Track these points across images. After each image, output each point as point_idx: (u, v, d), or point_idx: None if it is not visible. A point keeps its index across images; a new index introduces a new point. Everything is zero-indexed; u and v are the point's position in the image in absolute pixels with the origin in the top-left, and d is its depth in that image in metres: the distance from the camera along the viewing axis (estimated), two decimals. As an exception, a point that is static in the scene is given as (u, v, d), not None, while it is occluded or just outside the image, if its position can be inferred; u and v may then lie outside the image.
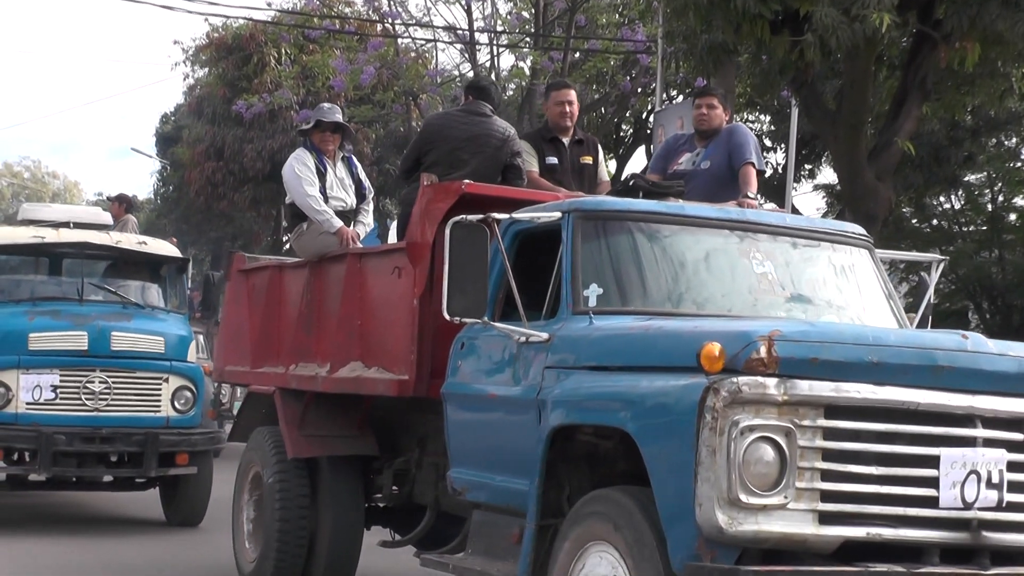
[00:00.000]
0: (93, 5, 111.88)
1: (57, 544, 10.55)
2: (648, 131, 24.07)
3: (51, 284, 12.37)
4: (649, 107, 23.89)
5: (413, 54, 25.41)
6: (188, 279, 12.76)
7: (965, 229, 22.19)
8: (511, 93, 25.28)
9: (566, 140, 8.03)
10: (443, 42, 25.09)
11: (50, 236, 12.07)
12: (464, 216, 6.08)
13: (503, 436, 6.31)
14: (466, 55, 25.25)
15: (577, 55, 23.70)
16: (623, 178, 7.16)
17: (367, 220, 8.53)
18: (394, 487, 7.92)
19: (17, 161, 66.99)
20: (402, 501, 7.91)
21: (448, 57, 34.22)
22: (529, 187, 7.57)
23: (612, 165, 25.40)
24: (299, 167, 8.21)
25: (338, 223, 8.02)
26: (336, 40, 25.62)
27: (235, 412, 11.46)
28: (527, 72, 23.65)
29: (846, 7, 11.03)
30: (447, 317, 6.11)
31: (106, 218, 13.03)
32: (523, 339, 6.13)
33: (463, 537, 7.20)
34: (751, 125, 21.63)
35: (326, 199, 8.18)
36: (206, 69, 27.63)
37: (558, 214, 6.27)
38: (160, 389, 11.39)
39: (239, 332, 9.00)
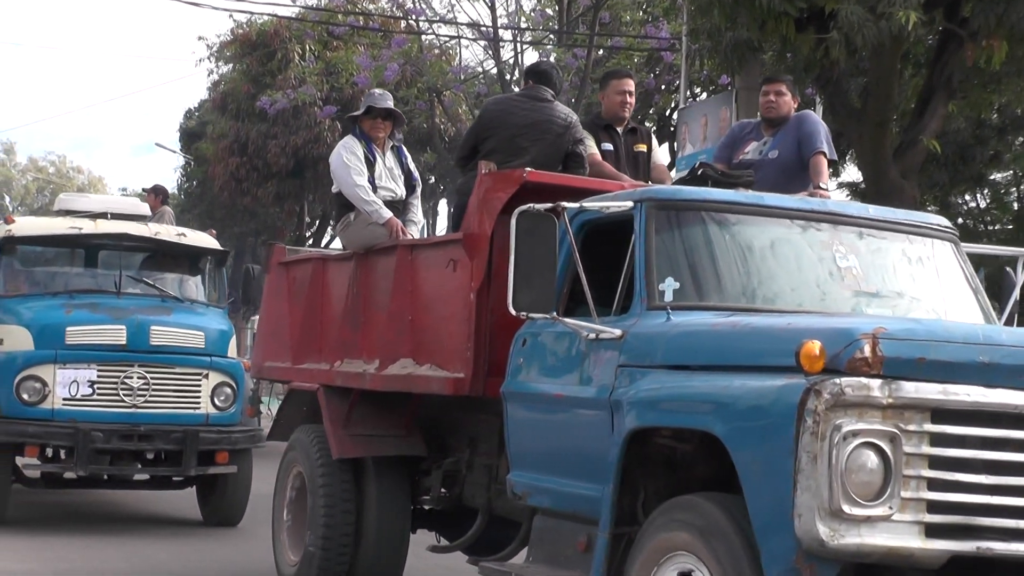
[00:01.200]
0: (118, 1, 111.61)
1: (88, 544, 10.05)
2: (672, 129, 23.72)
3: (88, 276, 11.78)
4: (673, 104, 23.52)
5: (437, 51, 25.07)
6: (227, 272, 12.26)
7: (990, 228, 21.68)
8: (534, 90, 24.71)
9: (620, 129, 7.53)
10: (467, 39, 24.73)
11: (87, 227, 11.54)
12: (532, 205, 5.60)
13: (570, 438, 5.82)
14: (490, 52, 24.92)
15: (601, 52, 23.32)
16: (692, 167, 6.69)
17: (416, 213, 7.98)
18: (443, 489, 7.44)
19: (42, 156, 66.65)
20: (451, 504, 7.41)
21: (472, 54, 33.85)
22: (592, 172, 7.07)
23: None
24: (347, 155, 7.67)
25: (387, 214, 7.48)
26: (360, 36, 25.32)
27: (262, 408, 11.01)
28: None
29: (872, 5, 10.72)
30: (513, 312, 5.63)
31: (144, 209, 12.45)
32: (593, 336, 5.66)
33: (518, 543, 6.72)
34: None
35: (375, 189, 7.64)
36: (230, 65, 27.23)
37: (629, 203, 5.79)
38: (200, 385, 10.85)
39: (279, 327, 8.46)
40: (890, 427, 4.44)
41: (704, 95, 22.28)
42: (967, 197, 21.65)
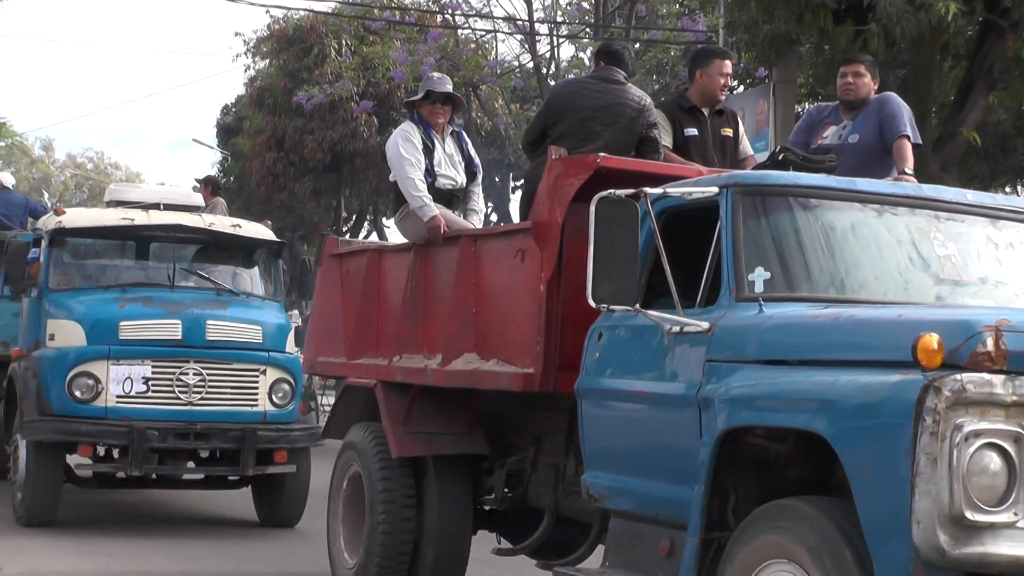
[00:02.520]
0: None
1: (138, 546, 9.55)
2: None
3: (140, 269, 11.27)
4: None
5: (473, 45, 24.73)
6: (283, 264, 11.75)
7: (1032, 220, 21.12)
8: (570, 84, 24.36)
9: (706, 111, 7.00)
10: (503, 33, 24.32)
11: (140, 218, 11.00)
12: (612, 191, 5.18)
13: (653, 438, 5.36)
14: (526, 46, 24.54)
15: (637, 45, 22.88)
16: (772, 151, 6.24)
17: (478, 201, 7.47)
18: (506, 489, 6.99)
19: (80, 152, 66.41)
20: (514, 504, 6.95)
21: (508, 48, 33.56)
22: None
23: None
24: (404, 144, 7.19)
25: (432, 211, 6.97)
26: (396, 31, 24.96)
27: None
28: (587, 63, 22.94)
29: (911, -4, 10.31)
30: (592, 304, 5.20)
31: (197, 199, 11.87)
32: (677, 329, 5.22)
33: (589, 545, 6.29)
34: None
35: (434, 177, 7.17)
36: (267, 60, 26.87)
37: (715, 189, 5.33)
38: (257, 382, 10.29)
39: (332, 321, 7.97)
40: (1014, 427, 4.03)
41: (741, 88, 21.85)
42: (1007, 189, 21.07)
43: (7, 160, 34.02)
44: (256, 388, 10.32)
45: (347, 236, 28.02)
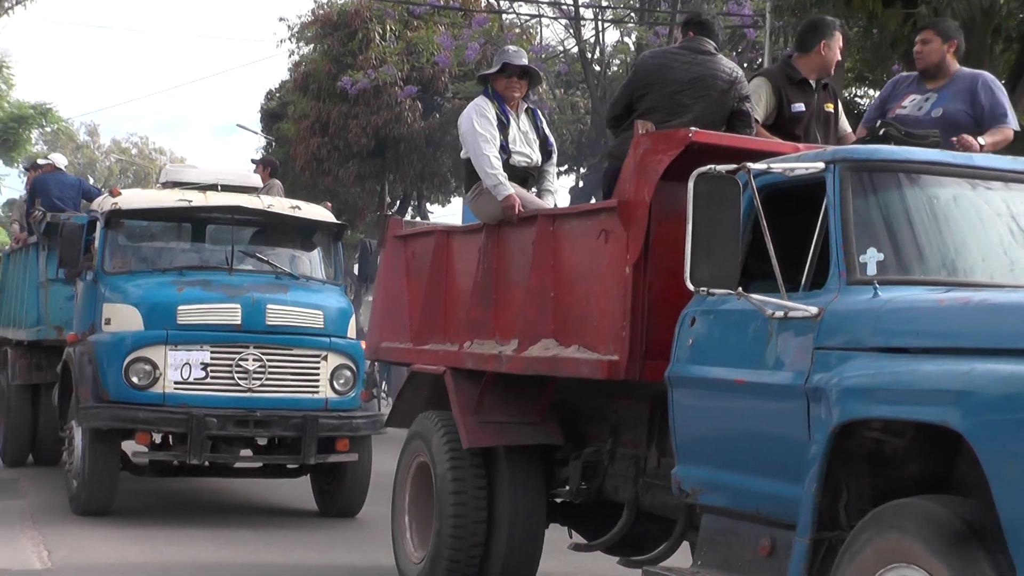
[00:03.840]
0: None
1: (194, 536, 9.17)
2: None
3: (197, 252, 10.81)
4: (755, 82, 22.51)
5: (517, 30, 24.31)
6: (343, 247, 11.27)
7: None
8: (615, 69, 24.10)
9: (813, 84, 6.42)
10: (547, 17, 23.86)
11: (197, 199, 10.52)
12: (713, 166, 4.75)
13: (753, 430, 4.93)
14: (571, 30, 24.09)
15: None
16: (874, 126, 5.78)
17: (552, 181, 7.02)
18: (581, 481, 6.57)
19: (125, 137, 66.16)
20: (589, 497, 6.53)
21: (552, 33, 32.91)
22: (752, 140, 6.16)
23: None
24: (478, 119, 6.73)
25: (508, 190, 6.53)
26: (441, 16, 24.54)
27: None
28: (632, 48, 22.51)
29: (962, -22, 9.85)
30: (691, 288, 4.78)
31: (255, 180, 11.34)
32: (780, 314, 4.79)
33: (674, 542, 5.87)
34: (859, 100, 20.25)
35: (509, 155, 6.73)
36: (311, 46, 26.50)
37: (820, 165, 4.90)
38: (318, 368, 9.83)
39: (397, 305, 7.55)
40: None
41: (787, 73, 21.27)
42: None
43: (53, 145, 33.78)
44: (317, 374, 9.90)
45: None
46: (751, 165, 4.81)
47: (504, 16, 23.22)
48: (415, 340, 7.25)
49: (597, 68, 23.02)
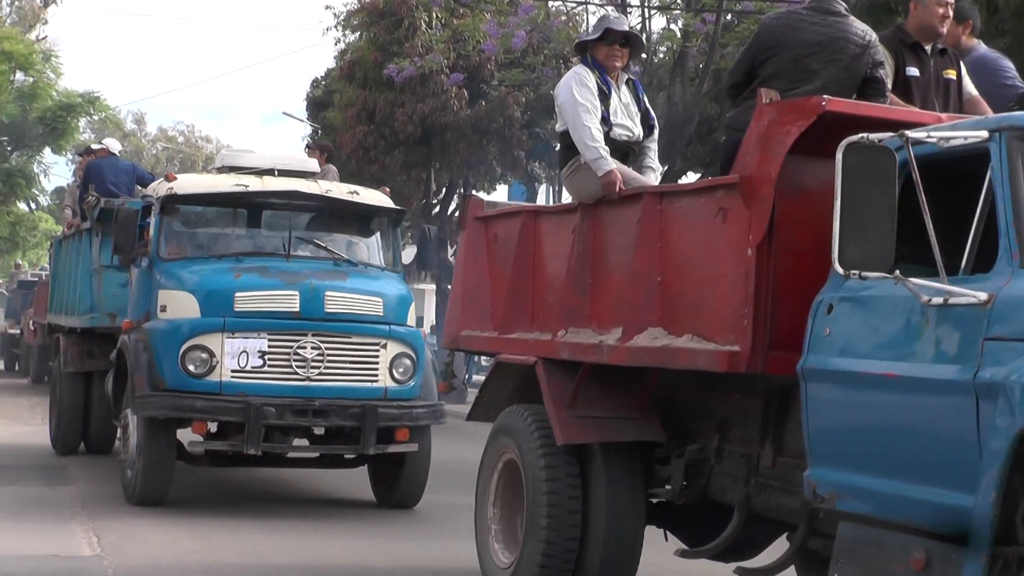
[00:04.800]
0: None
1: (244, 525, 8.73)
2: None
3: (253, 238, 10.26)
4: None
5: (564, 17, 23.66)
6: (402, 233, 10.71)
7: None
8: (662, 56, 23.43)
9: (928, 48, 5.81)
10: (594, 4, 23.15)
11: (254, 184, 9.97)
12: (865, 136, 4.14)
13: (906, 430, 4.29)
14: (617, 18, 23.18)
15: (730, 17, 21.70)
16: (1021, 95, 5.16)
17: (654, 158, 6.36)
18: (683, 481, 5.94)
19: (172, 126, 65.57)
20: (692, 498, 5.91)
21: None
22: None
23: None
24: (578, 88, 6.08)
25: (609, 165, 5.89)
26: (487, 3, 23.95)
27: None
28: (678, 35, 21.86)
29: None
30: (840, 271, 4.18)
31: (313, 165, 10.75)
32: (940, 300, 4.16)
33: (795, 551, 5.24)
34: None
35: (610, 127, 6.08)
36: (357, 34, 25.95)
37: (984, 134, 4.27)
38: (378, 356, 9.31)
39: (478, 290, 6.93)
40: None
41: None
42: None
43: (101, 134, 33.37)
44: (376, 363, 9.38)
45: (437, 209, 27.05)
46: (910, 134, 4.18)
47: (551, 3, 22.55)
48: (500, 328, 6.62)
49: (643, 55, 22.34)
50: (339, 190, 10.32)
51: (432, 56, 23.37)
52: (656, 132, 6.36)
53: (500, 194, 33.28)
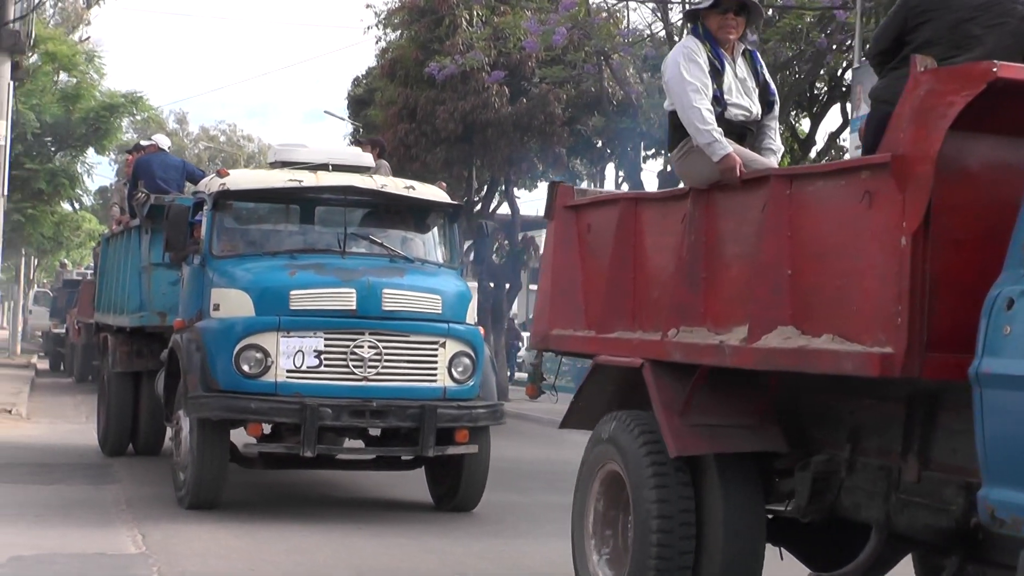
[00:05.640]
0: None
1: (291, 525, 8.25)
2: (844, 89, 21.42)
3: (307, 234, 9.63)
4: (845, 65, 21.11)
5: (605, 14, 22.97)
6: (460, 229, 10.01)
7: None
8: (703, 52, 22.61)
9: None
10: (635, 1, 22.47)
11: (308, 180, 9.32)
12: None
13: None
14: (658, 14, 22.69)
15: (770, 12, 20.94)
16: None
17: (775, 138, 5.53)
18: (810, 496, 5.18)
19: (214, 125, 64.82)
20: (819, 515, 5.16)
21: (640, 16, 31.69)
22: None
23: (806, 124, 22.81)
24: (687, 64, 5.28)
25: (725, 148, 5.10)
26: (527, 1, 23.20)
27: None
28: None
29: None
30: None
31: (367, 159, 10.02)
32: None
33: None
34: None
35: (724, 107, 5.29)
36: (398, 32, 25.26)
37: None
38: (436, 355, 8.69)
39: (569, 286, 6.14)
40: None
41: (877, 56, 19.88)
42: None
43: (143, 134, 32.90)
44: (435, 362, 8.74)
45: (478, 207, 26.32)
46: None
47: (591, 0, 21.85)
48: (599, 327, 5.83)
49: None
50: (395, 185, 9.65)
51: (473, 54, 22.72)
52: (776, 108, 5.51)
53: (540, 191, 32.54)
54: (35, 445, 12.64)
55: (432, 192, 9.83)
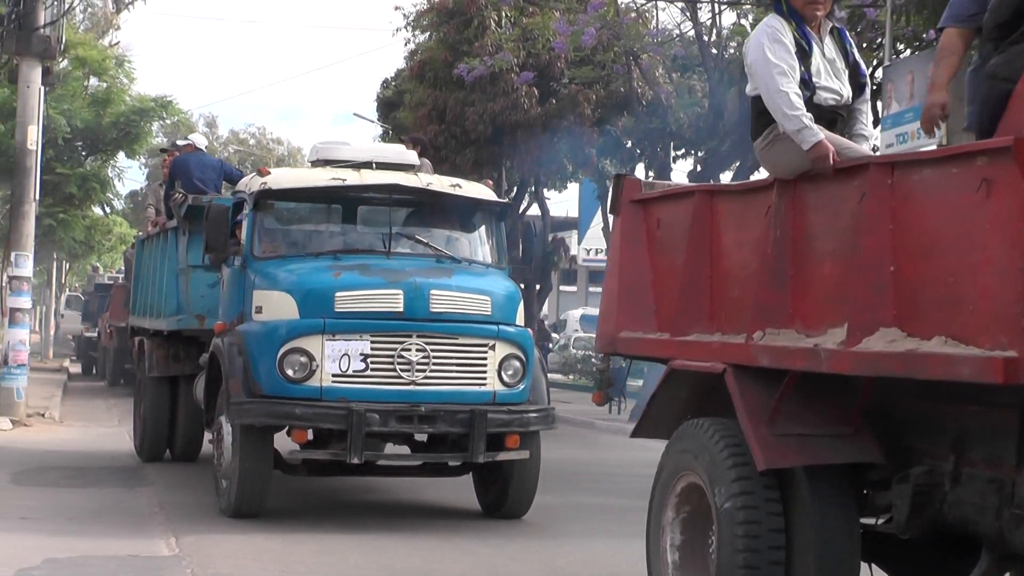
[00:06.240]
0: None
1: (324, 529, 7.98)
2: (875, 87, 20.96)
3: (350, 234, 9.19)
4: (875, 62, 20.67)
5: (634, 14, 22.61)
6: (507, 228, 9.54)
7: None
8: (732, 51, 22.33)
9: None
10: (664, 1, 22.03)
11: (352, 178, 8.89)
12: None
13: None
14: (687, 13, 22.32)
15: (801, 8, 20.44)
16: None
17: (867, 124, 5.07)
18: (910, 510, 4.71)
19: (243, 128, 64.48)
20: (920, 530, 4.70)
21: (669, 16, 31.15)
22: None
23: (837, 121, 22.34)
24: (771, 45, 4.84)
25: (816, 135, 4.65)
26: (556, 1, 22.91)
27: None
28: (749, 30, 20.73)
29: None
30: None
31: (412, 157, 9.58)
32: None
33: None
34: None
35: (812, 91, 4.84)
36: (427, 34, 24.93)
37: None
38: (486, 358, 8.28)
39: (638, 285, 5.69)
40: None
41: (909, 52, 19.53)
42: None
43: (173, 137, 32.61)
44: (484, 365, 8.34)
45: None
46: None
47: (620, 0, 21.47)
48: (674, 329, 5.38)
49: (714, 51, 21.30)
50: (440, 183, 9.22)
51: (502, 55, 22.41)
52: (867, 91, 5.07)
53: (571, 192, 32.06)
54: (68, 448, 12.57)
55: (479, 190, 9.42)
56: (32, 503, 8.89)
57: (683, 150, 23.77)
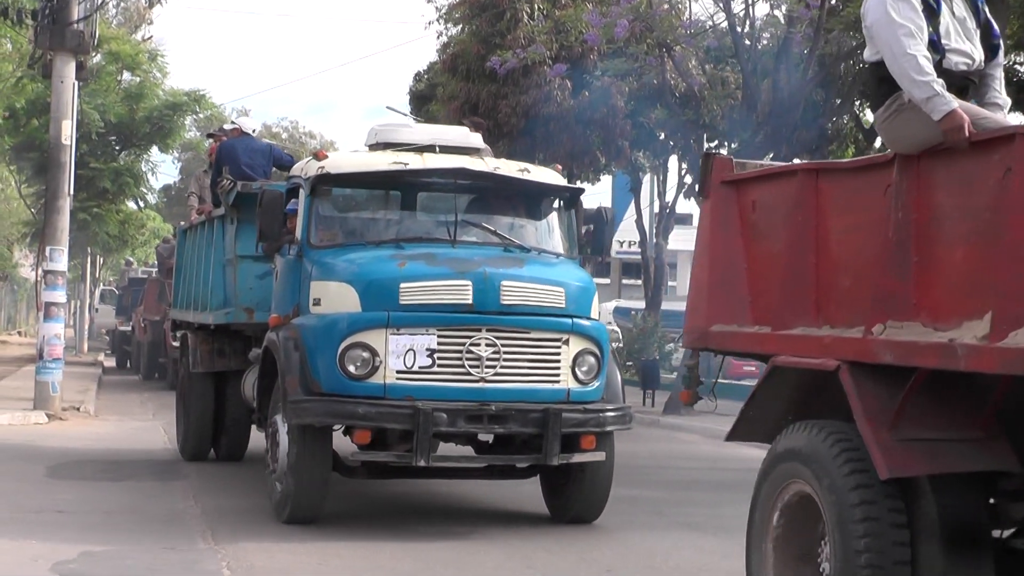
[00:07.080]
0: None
1: (364, 527, 7.75)
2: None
3: (412, 222, 8.70)
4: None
5: (666, 6, 22.18)
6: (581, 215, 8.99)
7: None
8: (766, 43, 21.84)
9: None
10: (697, -8, 21.52)
11: (414, 162, 8.42)
12: None
13: None
14: (720, 5, 21.83)
15: (835, 1, 20.06)
16: None
17: (1001, 91, 4.60)
18: None
19: (276, 122, 64.00)
20: None
21: (701, 7, 30.68)
22: None
23: (870, 114, 21.90)
24: (895, 3, 4.35)
25: (949, 104, 4.20)
26: (589, -7, 22.38)
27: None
28: (783, 20, 20.29)
29: None
30: None
31: (476, 140, 9.12)
32: None
33: None
34: (1019, 68, 17.96)
35: (941, 54, 4.38)
36: (459, 27, 24.62)
37: None
38: (559, 353, 7.80)
39: (731, 274, 5.27)
40: None
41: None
42: None
43: (204, 132, 32.30)
44: (558, 361, 7.88)
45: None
46: None
47: (653, -9, 20.98)
48: (775, 322, 4.96)
49: (747, 42, 20.83)
50: (508, 167, 8.78)
51: (534, 47, 22.13)
52: (1001, 54, 4.58)
53: (604, 184, 31.34)
54: (103, 442, 12.57)
55: (549, 175, 8.98)
56: (68, 496, 8.85)
57: (716, 142, 23.33)
